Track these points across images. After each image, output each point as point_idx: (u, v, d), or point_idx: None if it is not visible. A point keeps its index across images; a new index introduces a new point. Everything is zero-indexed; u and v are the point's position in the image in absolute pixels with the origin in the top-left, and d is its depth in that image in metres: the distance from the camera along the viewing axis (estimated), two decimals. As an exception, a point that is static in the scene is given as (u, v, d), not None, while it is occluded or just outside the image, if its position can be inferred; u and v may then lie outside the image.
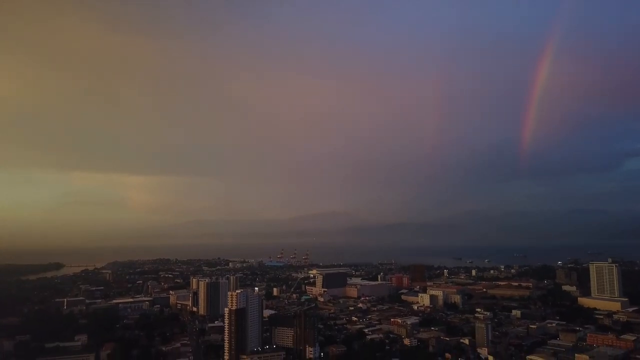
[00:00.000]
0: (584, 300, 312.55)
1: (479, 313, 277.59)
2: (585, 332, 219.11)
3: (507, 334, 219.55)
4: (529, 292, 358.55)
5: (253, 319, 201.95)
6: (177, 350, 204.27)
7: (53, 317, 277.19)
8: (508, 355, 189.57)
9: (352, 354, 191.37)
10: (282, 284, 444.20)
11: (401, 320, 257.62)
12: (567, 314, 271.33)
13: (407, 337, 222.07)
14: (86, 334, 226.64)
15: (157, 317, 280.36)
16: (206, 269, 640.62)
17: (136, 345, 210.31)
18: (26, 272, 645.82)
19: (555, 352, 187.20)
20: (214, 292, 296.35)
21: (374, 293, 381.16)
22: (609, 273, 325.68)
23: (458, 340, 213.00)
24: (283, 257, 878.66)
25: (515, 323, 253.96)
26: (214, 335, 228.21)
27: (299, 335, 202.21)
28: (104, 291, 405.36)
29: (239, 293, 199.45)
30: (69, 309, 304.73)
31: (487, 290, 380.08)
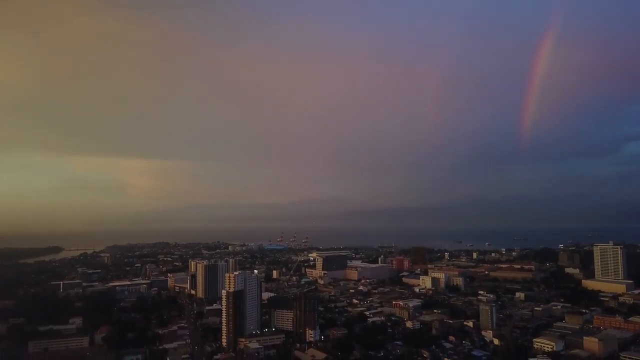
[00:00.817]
0: (588, 282, 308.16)
1: (482, 295, 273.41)
2: (592, 314, 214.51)
3: (511, 317, 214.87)
4: (531, 274, 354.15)
5: (251, 302, 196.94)
6: (174, 333, 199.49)
7: (49, 300, 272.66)
8: (513, 338, 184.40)
9: (354, 336, 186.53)
10: (281, 267, 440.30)
11: (403, 302, 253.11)
12: (572, 296, 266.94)
13: (409, 319, 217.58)
14: (81, 317, 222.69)
15: (155, 300, 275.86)
16: (205, 253, 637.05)
17: (132, 328, 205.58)
18: (25, 255, 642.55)
19: (562, 335, 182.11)
20: (212, 274, 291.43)
21: (375, 275, 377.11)
22: (614, 255, 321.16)
23: (462, 323, 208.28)
24: (283, 241, 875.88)
25: (519, 305, 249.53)
26: (212, 318, 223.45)
27: (299, 318, 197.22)
28: (101, 274, 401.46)
29: (237, 275, 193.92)
30: (65, 292, 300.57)
31: (489, 272, 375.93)
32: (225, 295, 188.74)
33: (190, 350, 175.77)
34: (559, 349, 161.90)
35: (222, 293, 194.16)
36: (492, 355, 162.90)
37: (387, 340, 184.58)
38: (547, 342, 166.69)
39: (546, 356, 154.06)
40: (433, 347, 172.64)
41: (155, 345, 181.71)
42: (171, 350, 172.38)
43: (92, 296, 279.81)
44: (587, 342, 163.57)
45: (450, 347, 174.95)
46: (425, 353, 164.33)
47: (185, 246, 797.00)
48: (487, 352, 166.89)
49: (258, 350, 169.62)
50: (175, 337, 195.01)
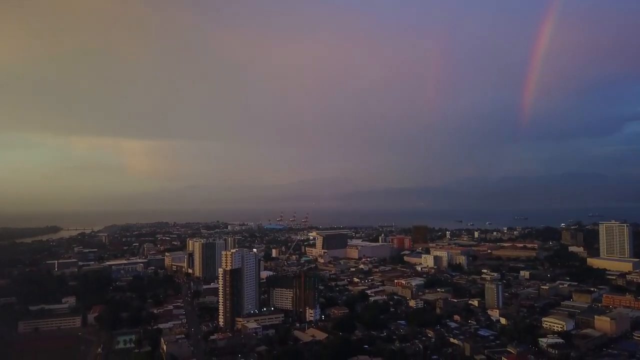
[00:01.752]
0: (594, 261, 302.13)
1: (486, 274, 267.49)
2: (600, 293, 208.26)
3: (517, 296, 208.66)
4: (535, 253, 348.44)
5: (249, 280, 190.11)
6: (170, 313, 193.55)
7: (43, 279, 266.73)
8: (521, 317, 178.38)
9: (355, 316, 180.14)
10: (281, 246, 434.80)
11: (405, 281, 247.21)
12: (578, 274, 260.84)
13: (412, 298, 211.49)
14: (75, 297, 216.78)
15: (151, 279, 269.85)
16: (205, 232, 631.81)
17: (127, 307, 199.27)
18: (22, 235, 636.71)
19: (570, 314, 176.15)
20: (210, 253, 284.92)
21: (376, 254, 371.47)
22: (619, 233, 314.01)
23: (466, 302, 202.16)
24: (283, 220, 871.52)
25: (524, 284, 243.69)
26: (209, 297, 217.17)
27: (299, 297, 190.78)
28: (98, 253, 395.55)
29: (234, 252, 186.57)
30: (60, 271, 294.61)
31: (492, 251, 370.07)
32: (222, 273, 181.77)
33: (186, 330, 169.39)
34: (569, 329, 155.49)
35: (219, 271, 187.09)
36: (499, 335, 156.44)
37: (389, 320, 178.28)
38: (556, 322, 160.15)
39: (556, 336, 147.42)
40: (438, 327, 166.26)
41: (150, 325, 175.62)
42: (166, 330, 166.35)
43: (87, 275, 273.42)
44: (599, 322, 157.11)
45: (455, 326, 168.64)
46: (430, 333, 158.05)
47: (184, 226, 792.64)
48: (494, 332, 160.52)
49: (256, 330, 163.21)
50: (170, 316, 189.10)
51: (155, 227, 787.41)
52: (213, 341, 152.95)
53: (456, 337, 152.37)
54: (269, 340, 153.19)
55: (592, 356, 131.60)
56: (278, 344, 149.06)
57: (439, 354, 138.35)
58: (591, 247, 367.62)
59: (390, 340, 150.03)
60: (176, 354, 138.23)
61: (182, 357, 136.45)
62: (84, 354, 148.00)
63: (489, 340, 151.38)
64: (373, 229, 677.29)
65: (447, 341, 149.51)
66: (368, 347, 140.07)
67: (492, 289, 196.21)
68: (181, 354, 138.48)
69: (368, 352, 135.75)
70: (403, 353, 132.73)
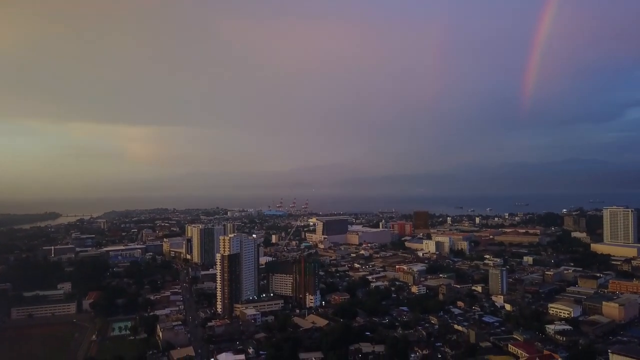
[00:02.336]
0: (597, 246, 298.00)
1: (489, 260, 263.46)
2: (607, 278, 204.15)
3: (521, 281, 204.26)
4: (537, 238, 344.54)
5: (248, 266, 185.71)
6: (167, 299, 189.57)
7: (39, 265, 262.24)
8: (525, 303, 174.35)
9: (356, 302, 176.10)
10: (281, 232, 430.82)
11: (407, 267, 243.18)
12: (582, 260, 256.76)
13: (414, 284, 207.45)
14: (70, 283, 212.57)
15: (149, 265, 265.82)
16: (204, 218, 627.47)
17: (123, 293, 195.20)
18: (21, 221, 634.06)
19: (576, 300, 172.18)
20: (208, 238, 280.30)
21: (376, 240, 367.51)
22: (624, 219, 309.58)
23: (470, 288, 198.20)
24: (282, 206, 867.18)
25: (528, 270, 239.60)
26: (207, 283, 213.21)
27: (299, 283, 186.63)
28: (95, 239, 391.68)
29: (232, 237, 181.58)
30: (57, 257, 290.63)
31: (494, 237, 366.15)
32: (219, 259, 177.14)
33: (183, 317, 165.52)
34: (576, 315, 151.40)
35: (217, 257, 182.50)
36: (504, 322, 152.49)
37: (391, 306, 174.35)
38: (563, 308, 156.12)
39: (564, 322, 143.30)
40: (441, 313, 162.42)
41: (146, 311, 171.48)
42: (162, 316, 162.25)
43: (84, 261, 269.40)
44: (607, 308, 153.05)
45: (459, 312, 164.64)
46: (434, 319, 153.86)
47: (184, 212, 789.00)
48: (499, 318, 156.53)
49: (255, 316, 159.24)
50: (167, 303, 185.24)
51: (155, 213, 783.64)
52: (211, 328, 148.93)
53: (460, 324, 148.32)
54: (268, 327, 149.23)
55: (602, 343, 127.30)
56: (277, 331, 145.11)
57: (443, 341, 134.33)
58: (594, 232, 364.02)
59: (393, 327, 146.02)
60: (172, 341, 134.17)
61: (179, 345, 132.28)
62: (78, 341, 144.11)
63: (494, 327, 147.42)
64: (373, 215, 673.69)
65: (451, 328, 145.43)
66: (370, 334, 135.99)
67: (496, 275, 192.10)
68: (178, 341, 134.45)
69: (370, 339, 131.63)
70: (406, 340, 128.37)
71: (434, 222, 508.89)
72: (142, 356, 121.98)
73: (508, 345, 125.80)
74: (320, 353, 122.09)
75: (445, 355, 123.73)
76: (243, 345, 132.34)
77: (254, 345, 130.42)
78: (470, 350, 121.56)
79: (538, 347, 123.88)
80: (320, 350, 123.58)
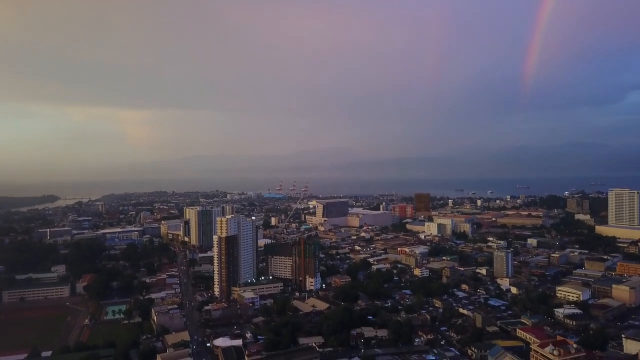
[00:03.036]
0: (602, 228, 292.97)
1: (492, 242, 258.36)
2: (614, 261, 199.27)
3: (527, 264, 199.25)
4: (540, 220, 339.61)
5: (246, 248, 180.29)
6: (163, 282, 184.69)
7: (34, 247, 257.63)
8: (532, 286, 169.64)
9: (358, 285, 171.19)
10: (280, 214, 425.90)
11: (408, 249, 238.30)
12: (587, 242, 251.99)
13: (417, 267, 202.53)
14: (65, 265, 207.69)
15: (145, 248, 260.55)
16: (203, 201, 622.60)
17: (118, 276, 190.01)
18: (19, 204, 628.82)
19: (584, 283, 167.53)
20: (206, 221, 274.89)
21: (377, 222, 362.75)
22: (630, 201, 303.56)
23: (474, 271, 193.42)
24: (282, 189, 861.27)
25: (532, 252, 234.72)
26: (205, 265, 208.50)
27: (299, 265, 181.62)
28: (92, 222, 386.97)
29: (230, 219, 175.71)
30: (53, 239, 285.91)
31: (497, 219, 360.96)
32: (217, 240, 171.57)
33: (180, 300, 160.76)
34: (585, 298, 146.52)
35: (214, 239, 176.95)
36: (510, 305, 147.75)
37: (394, 289, 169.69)
38: (572, 291, 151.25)
39: (573, 306, 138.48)
40: (445, 297, 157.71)
41: (142, 294, 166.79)
42: (158, 300, 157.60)
43: (79, 244, 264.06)
44: (617, 291, 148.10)
45: (464, 296, 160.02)
46: (438, 303, 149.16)
47: (183, 195, 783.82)
48: (505, 302, 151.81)
49: (253, 300, 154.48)
50: (164, 286, 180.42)
51: (154, 196, 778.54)
52: (207, 312, 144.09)
53: (465, 308, 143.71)
54: (267, 311, 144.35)
55: (614, 328, 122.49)
56: (276, 315, 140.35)
57: (448, 325, 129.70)
58: (597, 214, 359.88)
59: (396, 311, 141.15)
60: (167, 325, 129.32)
61: (174, 329, 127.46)
62: (70, 325, 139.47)
63: (500, 311, 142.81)
64: (374, 197, 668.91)
65: (456, 312, 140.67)
66: (372, 318, 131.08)
67: (501, 257, 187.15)
68: (173, 326, 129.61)
69: (372, 323, 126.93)
70: (410, 324, 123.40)
71: (435, 205, 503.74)
72: (135, 341, 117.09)
73: (516, 330, 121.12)
74: (320, 338, 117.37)
75: (451, 340, 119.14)
76: (241, 330, 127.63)
77: (252, 330, 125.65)
78: (477, 335, 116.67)
79: (547, 331, 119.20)
80: (320, 335, 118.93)
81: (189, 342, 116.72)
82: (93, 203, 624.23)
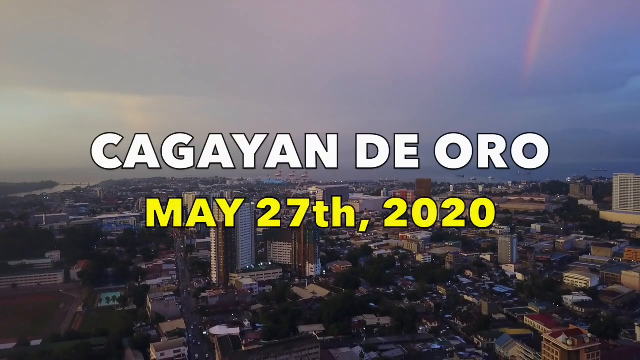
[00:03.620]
0: (607, 214, 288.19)
1: (495, 227, 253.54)
2: (621, 247, 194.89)
3: (532, 250, 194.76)
4: (544, 206, 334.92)
5: (245, 233, 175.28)
6: (159, 268, 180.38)
7: (29, 233, 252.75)
8: (538, 272, 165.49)
9: (359, 271, 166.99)
10: (280, 200, 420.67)
11: (410, 235, 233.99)
12: (592, 228, 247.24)
13: (419, 252, 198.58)
14: (59, 251, 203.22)
15: (143, 233, 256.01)
16: (202, 187, 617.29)
17: (114, 262, 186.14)
18: (17, 190, 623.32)
19: (592, 269, 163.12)
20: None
21: (378, 208, 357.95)
22: (635, 186, 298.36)
23: (478, 257, 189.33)
24: (282, 176, 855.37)
25: (536, 237, 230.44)
26: (202, 251, 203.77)
27: (298, 251, 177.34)
28: (90, 207, 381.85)
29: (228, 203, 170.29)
30: (49, 225, 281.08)
31: (499, 204, 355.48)
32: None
33: (176, 287, 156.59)
34: (594, 285, 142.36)
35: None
36: (516, 292, 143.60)
37: (396, 275, 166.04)
38: (580, 277, 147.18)
39: (582, 293, 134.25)
40: (449, 283, 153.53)
41: (137, 281, 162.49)
42: (154, 286, 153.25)
43: (75, 229, 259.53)
44: (627, 277, 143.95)
45: (468, 282, 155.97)
46: (442, 289, 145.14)
47: (182, 181, 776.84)
48: (511, 288, 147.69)
49: (252, 286, 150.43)
50: (160, 272, 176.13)
51: (153, 182, 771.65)
52: (204, 299, 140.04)
53: (470, 294, 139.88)
54: (266, 297, 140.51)
55: (625, 315, 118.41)
56: (275, 302, 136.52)
57: (452, 312, 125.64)
58: (601, 200, 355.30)
59: (399, 298, 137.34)
60: (163, 312, 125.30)
61: (169, 316, 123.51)
62: (63, 312, 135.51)
63: (506, 298, 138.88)
64: (374, 183, 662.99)
65: (460, 299, 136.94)
66: (374, 305, 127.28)
67: (506, 243, 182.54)
68: (168, 313, 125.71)
69: (374, 311, 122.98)
70: (413, 312, 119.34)
71: (436, 191, 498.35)
72: (129, 329, 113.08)
73: (524, 318, 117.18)
74: (321, 325, 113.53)
75: (456, 328, 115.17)
76: (238, 317, 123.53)
77: (250, 318, 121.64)
78: (484, 323, 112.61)
79: (556, 319, 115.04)
80: (321, 323, 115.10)
81: (184, 331, 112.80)
82: (92, 189, 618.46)
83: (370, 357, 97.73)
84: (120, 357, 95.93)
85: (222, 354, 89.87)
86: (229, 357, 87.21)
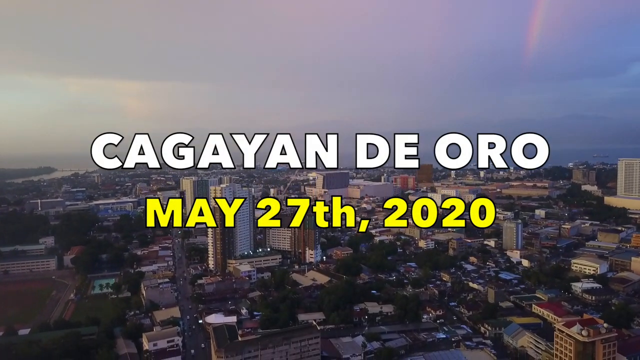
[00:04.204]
0: (611, 199, 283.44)
1: (499, 213, 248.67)
2: (628, 232, 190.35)
3: (537, 235, 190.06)
4: (547, 191, 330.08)
5: (243, 219, 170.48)
6: (155, 254, 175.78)
7: (24, 218, 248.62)
8: (544, 258, 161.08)
9: (360, 257, 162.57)
10: (279, 185, 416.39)
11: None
12: (596, 213, 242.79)
13: (422, 238, 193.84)
14: (54, 237, 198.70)
15: (139, 219, 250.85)
16: (201, 172, 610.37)
17: (109, 248, 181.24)
18: (15, 176, 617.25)
19: (600, 255, 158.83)
20: (203, 191, 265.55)
21: (378, 193, 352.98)
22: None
23: (482, 243, 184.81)
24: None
25: (541, 223, 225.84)
26: (200, 237, 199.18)
27: (298, 237, 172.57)
28: (87, 193, 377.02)
29: (224, 187, 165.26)
30: (44, 211, 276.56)
31: (502, 190, 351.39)
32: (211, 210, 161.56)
33: (172, 274, 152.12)
34: (603, 272, 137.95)
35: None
36: (522, 279, 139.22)
37: (398, 262, 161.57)
38: (588, 264, 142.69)
39: (591, 280, 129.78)
40: (453, 270, 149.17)
41: (132, 267, 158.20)
42: (149, 273, 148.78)
43: (71, 215, 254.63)
44: (637, 264, 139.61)
45: (472, 269, 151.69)
46: (445, 276, 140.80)
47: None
48: (517, 275, 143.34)
49: (250, 273, 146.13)
50: (156, 258, 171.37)
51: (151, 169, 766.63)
52: (201, 286, 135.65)
53: (475, 282, 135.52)
54: (264, 285, 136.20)
55: (637, 302, 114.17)
56: (274, 289, 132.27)
57: (457, 300, 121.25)
58: (604, 185, 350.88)
59: (401, 285, 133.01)
60: (157, 300, 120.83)
61: (164, 304, 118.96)
62: (55, 299, 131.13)
63: (513, 285, 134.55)
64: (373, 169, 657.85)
65: (465, 286, 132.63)
66: (376, 293, 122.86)
67: (511, 229, 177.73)
68: (163, 301, 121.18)
69: (377, 298, 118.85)
70: (417, 299, 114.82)
71: (437, 176, 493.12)
72: (122, 318, 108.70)
73: (532, 306, 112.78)
74: (321, 314, 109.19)
75: (462, 317, 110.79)
76: (235, 305, 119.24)
77: (248, 305, 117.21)
78: (490, 311, 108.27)
79: (566, 307, 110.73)
80: (321, 311, 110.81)
81: (179, 319, 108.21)
82: (89, 174, 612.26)
83: (373, 346, 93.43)
84: (111, 347, 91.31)
85: (217, 344, 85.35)
86: (224, 349, 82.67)
